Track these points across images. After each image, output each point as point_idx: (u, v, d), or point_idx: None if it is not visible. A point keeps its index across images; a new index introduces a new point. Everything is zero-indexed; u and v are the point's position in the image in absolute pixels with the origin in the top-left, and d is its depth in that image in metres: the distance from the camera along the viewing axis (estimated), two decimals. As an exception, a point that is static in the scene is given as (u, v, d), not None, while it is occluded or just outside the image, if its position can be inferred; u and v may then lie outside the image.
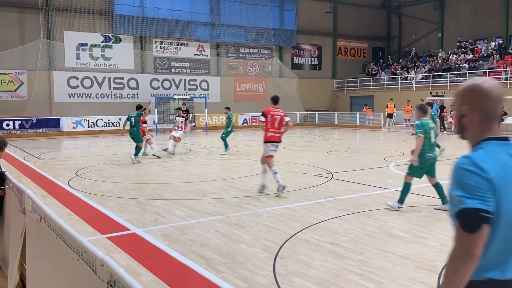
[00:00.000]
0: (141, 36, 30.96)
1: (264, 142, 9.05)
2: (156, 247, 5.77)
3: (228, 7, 33.71)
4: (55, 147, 20.30)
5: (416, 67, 35.33)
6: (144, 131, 14.91)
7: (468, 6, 35.71)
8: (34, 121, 26.19)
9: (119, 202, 8.46)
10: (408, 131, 25.63)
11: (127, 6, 30.06)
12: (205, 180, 10.82)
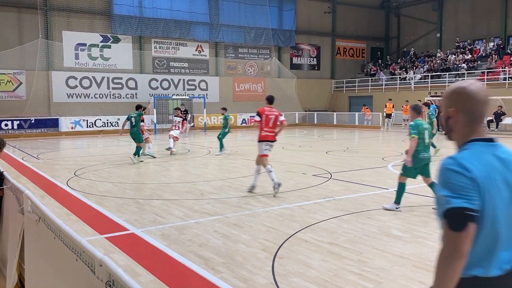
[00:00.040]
0: (139, 36, 30.94)
1: (258, 141, 9.15)
2: (155, 247, 5.77)
3: (226, 7, 33.69)
4: (54, 147, 20.28)
5: (414, 67, 35.37)
6: (143, 129, 14.92)
7: (467, 6, 35.76)
8: (33, 121, 26.14)
9: (118, 202, 8.45)
10: (407, 131, 25.61)
11: (126, 6, 30.03)
12: (204, 180, 10.83)
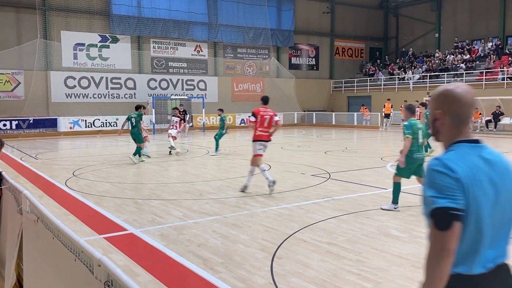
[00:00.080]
0: (138, 36, 30.92)
1: (252, 141, 9.25)
2: (154, 247, 5.76)
3: (225, 7, 33.69)
4: (52, 147, 20.26)
5: (413, 67, 35.40)
6: (142, 128, 14.92)
7: (465, 6, 35.81)
8: (31, 121, 26.11)
9: (117, 202, 8.45)
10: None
11: (125, 6, 30.00)
12: (202, 180, 10.82)
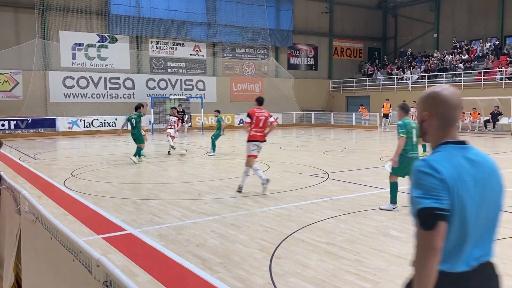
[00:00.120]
0: (137, 36, 30.88)
1: (247, 141, 9.29)
2: (152, 248, 5.76)
3: (224, 7, 33.67)
4: (51, 147, 20.23)
5: (412, 68, 35.42)
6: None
7: (464, 6, 35.85)
8: (30, 121, 26.07)
9: (115, 203, 8.44)
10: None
11: (123, 6, 29.95)
12: (201, 180, 10.82)
